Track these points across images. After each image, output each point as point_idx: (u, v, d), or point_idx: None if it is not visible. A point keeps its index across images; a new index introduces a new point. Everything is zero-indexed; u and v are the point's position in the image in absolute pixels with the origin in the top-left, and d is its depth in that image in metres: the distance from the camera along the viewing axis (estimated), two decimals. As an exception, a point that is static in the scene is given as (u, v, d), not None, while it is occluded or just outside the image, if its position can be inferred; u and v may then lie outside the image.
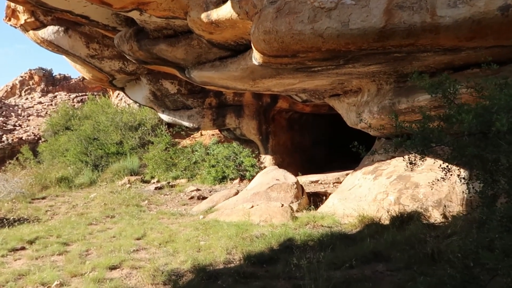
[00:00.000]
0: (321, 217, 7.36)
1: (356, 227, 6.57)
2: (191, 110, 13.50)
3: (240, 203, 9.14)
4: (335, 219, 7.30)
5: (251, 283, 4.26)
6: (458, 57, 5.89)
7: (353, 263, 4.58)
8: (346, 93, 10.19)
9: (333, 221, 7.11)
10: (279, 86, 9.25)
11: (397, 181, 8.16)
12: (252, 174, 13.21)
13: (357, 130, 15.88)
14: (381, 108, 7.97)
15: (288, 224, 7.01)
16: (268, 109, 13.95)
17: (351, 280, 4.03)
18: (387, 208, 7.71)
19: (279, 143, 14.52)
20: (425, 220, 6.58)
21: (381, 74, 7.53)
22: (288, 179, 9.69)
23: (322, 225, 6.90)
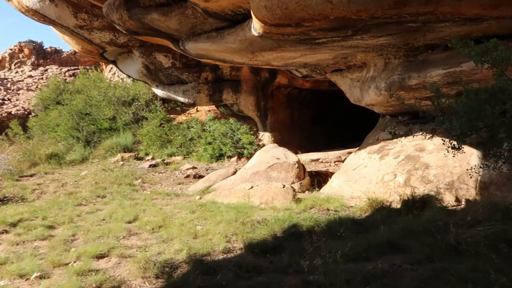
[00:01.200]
0: (326, 200, 6.91)
1: (365, 212, 6.14)
2: (186, 85, 12.91)
3: (238, 183, 8.69)
4: (342, 202, 6.86)
5: (254, 278, 3.80)
6: (477, 28, 5.35)
7: (367, 254, 4.13)
8: (350, 68, 9.63)
9: (340, 204, 6.66)
10: (279, 59, 8.67)
11: (406, 161, 7.70)
12: (250, 152, 12.74)
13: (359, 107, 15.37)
14: (390, 84, 7.43)
15: (291, 208, 6.57)
16: (267, 85, 13.38)
17: (368, 275, 3.57)
18: (395, 190, 7.28)
19: (277, 120, 14.00)
20: (439, 204, 6.13)
21: (390, 47, 6.98)
22: (289, 158, 9.21)
23: (329, 209, 6.45)
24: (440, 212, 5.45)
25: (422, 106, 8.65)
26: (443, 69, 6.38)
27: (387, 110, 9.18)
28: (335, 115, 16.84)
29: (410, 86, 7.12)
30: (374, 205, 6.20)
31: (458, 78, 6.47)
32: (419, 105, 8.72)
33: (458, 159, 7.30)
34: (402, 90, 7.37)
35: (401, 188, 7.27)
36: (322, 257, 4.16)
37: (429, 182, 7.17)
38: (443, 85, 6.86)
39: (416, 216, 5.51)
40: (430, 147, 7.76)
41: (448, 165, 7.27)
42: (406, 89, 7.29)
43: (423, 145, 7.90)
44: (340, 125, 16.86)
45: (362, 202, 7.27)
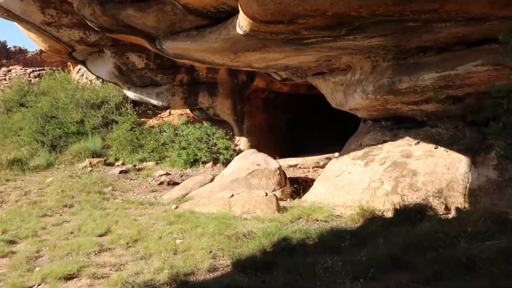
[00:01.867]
0: (312, 209, 6.54)
1: (356, 222, 5.79)
2: (160, 87, 12.34)
3: (217, 191, 8.22)
4: (330, 211, 6.49)
5: (248, 303, 3.37)
6: (478, 30, 5.11)
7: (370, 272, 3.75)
8: (332, 71, 9.34)
9: (329, 214, 6.31)
10: (261, 61, 8.29)
11: (392, 168, 7.43)
12: (226, 157, 12.28)
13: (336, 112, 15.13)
14: (378, 87, 7.16)
15: (277, 218, 6.16)
16: (244, 88, 12.96)
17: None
18: (383, 198, 6.99)
19: (254, 124, 13.60)
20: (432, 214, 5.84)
21: (380, 49, 6.69)
22: (270, 164, 8.81)
23: (318, 219, 6.08)
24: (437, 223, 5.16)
25: (407, 111, 8.45)
26: (436, 72, 6.12)
27: (371, 114, 8.92)
28: (311, 119, 16.57)
29: (400, 90, 6.86)
30: (365, 215, 5.86)
31: (451, 82, 6.24)
32: (405, 110, 8.53)
33: (446, 165, 7.09)
34: (391, 94, 7.10)
35: (388, 196, 6.98)
36: (320, 276, 3.76)
37: (418, 189, 6.92)
38: (434, 89, 6.62)
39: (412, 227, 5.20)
40: (417, 153, 7.52)
41: (436, 172, 7.04)
42: (395, 93, 7.03)
43: (409, 151, 7.65)
44: (316, 130, 16.59)
45: (350, 211, 6.95)
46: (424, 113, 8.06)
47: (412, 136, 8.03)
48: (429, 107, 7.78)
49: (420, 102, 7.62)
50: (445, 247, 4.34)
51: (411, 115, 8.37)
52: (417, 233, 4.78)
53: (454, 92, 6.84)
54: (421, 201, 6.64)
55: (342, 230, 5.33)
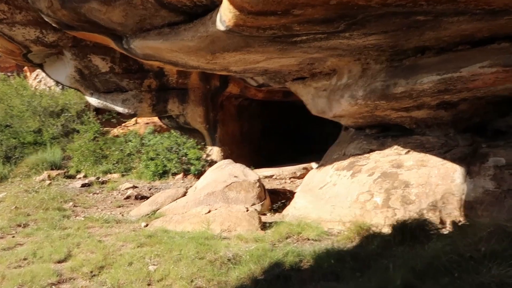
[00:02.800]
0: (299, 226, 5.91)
1: (352, 240, 5.19)
2: (126, 93, 11.47)
3: (192, 206, 7.46)
4: (319, 228, 5.86)
5: None
6: (490, 26, 4.63)
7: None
8: (314, 76, 8.79)
9: (319, 232, 5.69)
10: (240, 63, 7.63)
11: (382, 179, 6.90)
12: (197, 168, 11.51)
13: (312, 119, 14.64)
14: (370, 92, 6.63)
15: (262, 237, 5.49)
16: (217, 94, 12.27)
17: None
18: (374, 212, 6.44)
19: (227, 132, 12.91)
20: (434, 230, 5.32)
21: (373, 50, 6.18)
22: (249, 176, 8.14)
23: (308, 238, 5.43)
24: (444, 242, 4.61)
25: (396, 118, 7.98)
26: (437, 74, 5.63)
27: (356, 122, 8.41)
28: (285, 128, 16.06)
29: (394, 95, 6.35)
30: (361, 232, 5.27)
31: (452, 86, 5.77)
32: (394, 117, 8.06)
33: (441, 176, 6.63)
34: (383, 99, 6.59)
35: (380, 210, 6.45)
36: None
37: (411, 202, 6.40)
38: (431, 94, 6.15)
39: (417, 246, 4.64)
40: (409, 163, 7.03)
41: (430, 183, 6.55)
42: (389, 98, 6.52)
43: (400, 160, 7.15)
44: (290, 139, 16.09)
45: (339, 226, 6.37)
46: (414, 120, 7.61)
47: (401, 145, 7.55)
48: (420, 114, 7.34)
49: (412, 108, 7.16)
50: (462, 270, 3.80)
51: (399, 123, 7.91)
52: (425, 254, 4.21)
53: (450, 97, 6.40)
54: (415, 214, 6.14)
55: (339, 251, 4.71)
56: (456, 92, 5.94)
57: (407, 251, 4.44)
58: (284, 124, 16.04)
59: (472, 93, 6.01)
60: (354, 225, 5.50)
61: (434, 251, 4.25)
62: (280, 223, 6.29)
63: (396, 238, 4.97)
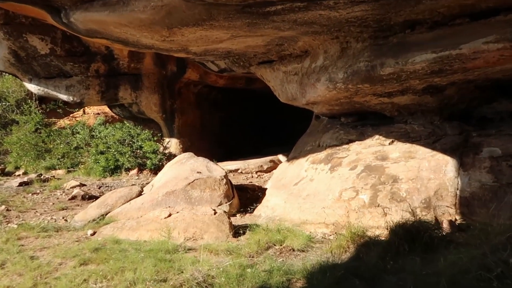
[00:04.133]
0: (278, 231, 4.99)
1: (347, 249, 4.34)
2: (71, 79, 10.14)
3: (148, 208, 6.42)
4: (303, 234, 4.99)
5: None
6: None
7: None
8: (283, 58, 7.89)
9: (304, 239, 4.79)
10: (201, 42, 6.61)
11: (367, 173, 6.11)
12: (154, 162, 10.39)
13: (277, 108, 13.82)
14: (352, 74, 5.79)
15: (236, 247, 4.55)
16: (174, 81, 11.13)
17: None
18: (360, 212, 5.64)
19: (186, 123, 11.81)
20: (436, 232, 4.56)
21: (355, 26, 5.32)
22: (214, 171, 7.15)
23: (293, 248, 4.52)
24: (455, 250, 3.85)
25: (376, 104, 7.22)
26: (433, 52, 4.84)
27: (332, 109, 7.59)
28: (248, 117, 15.12)
29: (380, 77, 5.54)
30: (355, 239, 4.43)
31: (447, 66, 5.01)
32: (374, 104, 7.30)
33: (432, 169, 5.91)
34: (367, 82, 5.78)
35: (367, 209, 5.65)
36: None
37: (402, 199, 5.64)
38: (422, 76, 5.39)
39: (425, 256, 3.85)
40: (395, 155, 6.27)
41: (421, 177, 5.81)
42: (374, 81, 5.71)
43: (384, 152, 6.39)
44: (254, 129, 15.18)
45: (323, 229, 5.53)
46: (396, 106, 6.88)
47: (383, 135, 6.80)
48: (403, 100, 6.61)
49: (395, 93, 6.41)
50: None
51: (379, 110, 7.16)
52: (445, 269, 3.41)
53: (440, 80, 5.68)
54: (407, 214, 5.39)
55: (334, 265, 3.85)
56: (450, 74, 5.20)
57: (418, 263, 3.63)
58: (246, 114, 15.09)
59: (464, 75, 5.29)
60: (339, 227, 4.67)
61: (455, 265, 3.46)
62: (255, 228, 5.37)
63: (399, 246, 4.16)
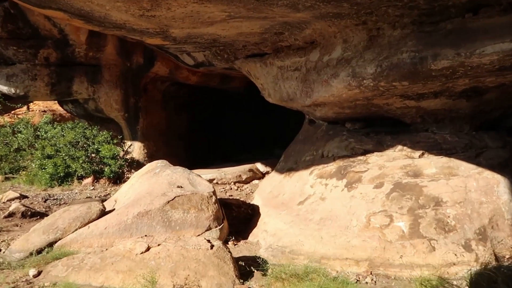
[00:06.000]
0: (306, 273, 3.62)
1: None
2: (13, 67, 8.30)
3: (114, 235, 4.86)
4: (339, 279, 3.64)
5: None
6: None
7: None
8: (279, 51, 6.60)
9: None
10: (188, 22, 5.18)
11: (399, 193, 4.86)
12: (113, 169, 8.71)
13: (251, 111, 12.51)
14: (389, 67, 4.54)
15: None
16: (140, 75, 9.51)
17: None
18: (400, 245, 4.37)
19: (152, 124, 10.20)
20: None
21: (396, 7, 4.12)
22: (198, 186, 5.67)
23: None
24: None
25: (397, 109, 6.03)
26: None
27: (340, 113, 6.34)
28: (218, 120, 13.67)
29: (429, 72, 4.33)
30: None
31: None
32: (395, 108, 6.11)
33: (481, 190, 4.76)
34: (409, 78, 4.56)
35: (408, 241, 4.39)
36: None
37: (451, 229, 4.43)
38: (485, 72, 4.22)
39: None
40: (430, 171, 5.07)
41: (470, 200, 4.64)
42: (418, 77, 4.50)
43: (416, 167, 5.17)
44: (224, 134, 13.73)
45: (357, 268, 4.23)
46: (421, 112, 5.72)
47: (407, 145, 5.60)
48: (433, 104, 5.47)
49: (428, 95, 5.25)
50: None
51: (397, 115, 6.00)
52: None
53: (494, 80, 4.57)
54: (461, 248, 4.20)
55: None
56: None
57: None
58: (216, 117, 13.63)
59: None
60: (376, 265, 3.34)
61: None
62: (264, 265, 3.97)
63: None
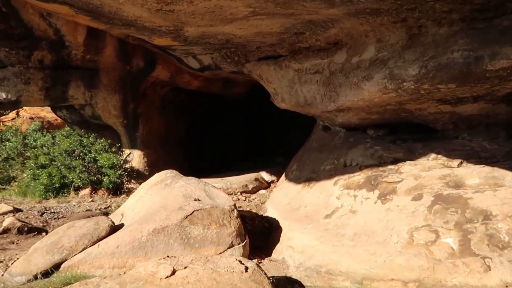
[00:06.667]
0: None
1: None
2: (4, 70, 7.68)
3: (128, 254, 4.34)
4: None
5: None
6: None
7: None
8: (297, 53, 6.20)
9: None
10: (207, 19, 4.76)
11: (442, 206, 4.44)
12: (112, 179, 8.14)
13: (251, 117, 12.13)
14: (436, 68, 4.15)
15: None
16: (139, 79, 8.97)
17: None
18: (450, 264, 3.93)
19: (151, 131, 9.65)
20: None
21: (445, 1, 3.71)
22: (217, 198, 5.18)
23: None
24: None
25: (430, 114, 5.64)
26: None
27: (365, 119, 5.93)
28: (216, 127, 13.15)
29: (483, 73, 3.95)
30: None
31: None
32: (428, 113, 5.71)
33: (533, 202, 4.35)
34: (460, 79, 4.18)
35: (460, 259, 3.96)
36: None
37: (505, 246, 4.01)
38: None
39: None
40: (473, 181, 4.66)
41: (520, 213, 4.24)
42: (470, 79, 4.12)
43: (456, 177, 4.76)
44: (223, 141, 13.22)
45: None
46: (455, 117, 5.35)
47: (441, 153, 5.21)
48: (470, 109, 5.10)
49: (468, 99, 4.87)
50: None
51: (428, 121, 5.62)
52: None
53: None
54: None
55: None
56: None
57: None
58: (215, 123, 13.11)
59: None
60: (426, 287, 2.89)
61: None
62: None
63: None
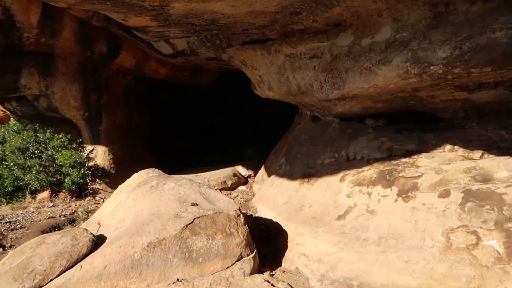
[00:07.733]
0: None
1: None
2: None
3: (119, 277, 3.60)
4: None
5: None
6: None
7: None
8: (289, 36, 5.63)
9: None
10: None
11: (476, 203, 4.01)
12: (75, 180, 7.22)
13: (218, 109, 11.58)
14: (473, 50, 3.69)
15: None
16: (102, 67, 8.01)
17: None
18: (499, 270, 3.50)
19: (115, 124, 8.72)
20: None
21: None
22: (217, 202, 4.49)
23: None
24: None
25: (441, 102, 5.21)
26: None
27: (369, 108, 5.44)
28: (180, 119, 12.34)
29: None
30: None
31: None
32: (439, 101, 5.27)
33: None
34: (499, 61, 3.72)
35: (508, 264, 3.54)
36: None
37: (551, 247, 3.64)
38: None
39: None
40: (502, 175, 4.27)
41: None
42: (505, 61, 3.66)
43: (482, 170, 4.36)
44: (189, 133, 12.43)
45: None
46: (467, 105, 4.97)
47: (458, 144, 4.81)
48: (486, 96, 4.74)
49: (488, 85, 4.47)
50: None
51: (437, 109, 5.22)
52: None
53: None
54: None
55: None
56: None
57: None
58: (178, 115, 12.28)
59: None
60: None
61: None
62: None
63: None
